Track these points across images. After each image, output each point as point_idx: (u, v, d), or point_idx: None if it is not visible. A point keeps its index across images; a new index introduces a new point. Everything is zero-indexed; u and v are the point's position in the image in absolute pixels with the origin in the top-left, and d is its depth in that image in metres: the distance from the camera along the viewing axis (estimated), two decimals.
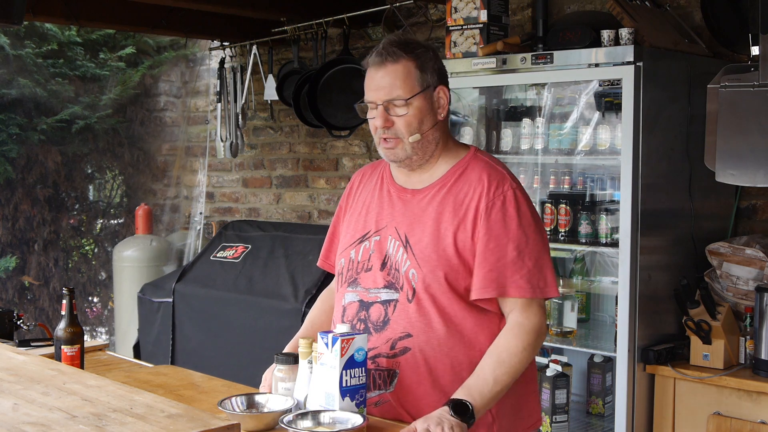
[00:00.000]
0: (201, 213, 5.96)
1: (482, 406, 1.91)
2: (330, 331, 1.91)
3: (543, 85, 3.56)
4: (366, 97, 2.09)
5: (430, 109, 2.08)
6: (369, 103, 2.09)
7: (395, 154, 2.09)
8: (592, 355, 3.50)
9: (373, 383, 2.06)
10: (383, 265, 2.09)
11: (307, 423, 1.84)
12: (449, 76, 2.17)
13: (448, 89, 2.14)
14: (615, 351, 3.17)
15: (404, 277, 2.05)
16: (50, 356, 2.36)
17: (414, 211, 2.10)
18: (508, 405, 2.07)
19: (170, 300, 4.87)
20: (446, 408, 1.87)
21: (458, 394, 1.91)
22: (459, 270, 2.02)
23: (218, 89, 5.36)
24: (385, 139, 2.08)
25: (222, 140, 5.32)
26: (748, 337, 3.13)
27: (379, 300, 2.08)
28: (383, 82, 2.05)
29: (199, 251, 5.47)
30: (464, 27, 3.59)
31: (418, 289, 2.03)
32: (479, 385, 1.93)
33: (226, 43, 5.42)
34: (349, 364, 1.88)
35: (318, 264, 2.38)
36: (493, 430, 2.05)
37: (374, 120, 2.07)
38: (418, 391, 2.04)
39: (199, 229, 5.88)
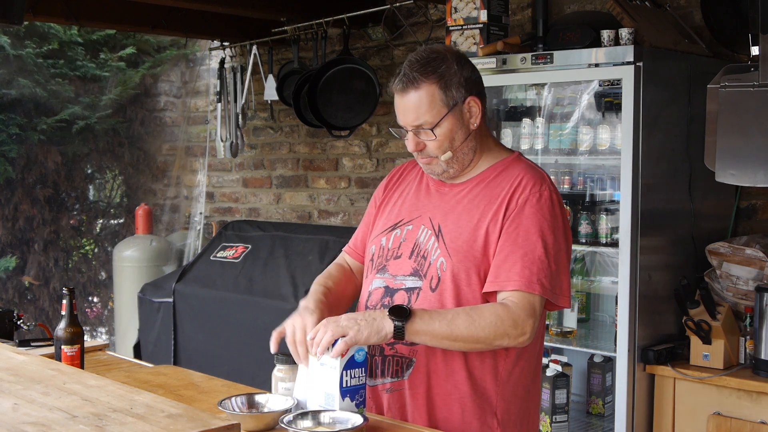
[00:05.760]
0: (201, 213, 5.96)
1: (423, 325, 1.89)
2: None
3: (543, 85, 3.56)
4: (398, 120, 2.09)
5: (461, 124, 2.05)
6: (400, 125, 2.10)
7: (432, 170, 2.13)
8: (592, 355, 3.50)
9: (388, 369, 2.08)
10: (412, 252, 2.11)
11: (307, 423, 1.84)
12: None
13: (480, 96, 2.08)
14: (615, 351, 3.17)
15: (432, 265, 2.06)
16: (50, 356, 2.36)
17: (450, 202, 2.12)
18: (514, 413, 2.08)
19: (170, 300, 4.86)
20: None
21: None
22: (486, 263, 2.01)
23: (218, 89, 5.37)
24: (420, 156, 2.11)
25: (222, 140, 5.32)
26: (748, 337, 3.13)
27: (403, 287, 2.09)
28: (408, 110, 2.03)
29: (199, 251, 5.47)
30: (464, 27, 3.59)
31: (444, 279, 2.03)
32: (435, 312, 1.93)
33: (226, 43, 5.42)
34: (350, 364, 1.88)
35: (344, 249, 2.37)
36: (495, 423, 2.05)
37: (407, 142, 2.09)
38: (431, 381, 2.05)
39: (199, 229, 5.88)
